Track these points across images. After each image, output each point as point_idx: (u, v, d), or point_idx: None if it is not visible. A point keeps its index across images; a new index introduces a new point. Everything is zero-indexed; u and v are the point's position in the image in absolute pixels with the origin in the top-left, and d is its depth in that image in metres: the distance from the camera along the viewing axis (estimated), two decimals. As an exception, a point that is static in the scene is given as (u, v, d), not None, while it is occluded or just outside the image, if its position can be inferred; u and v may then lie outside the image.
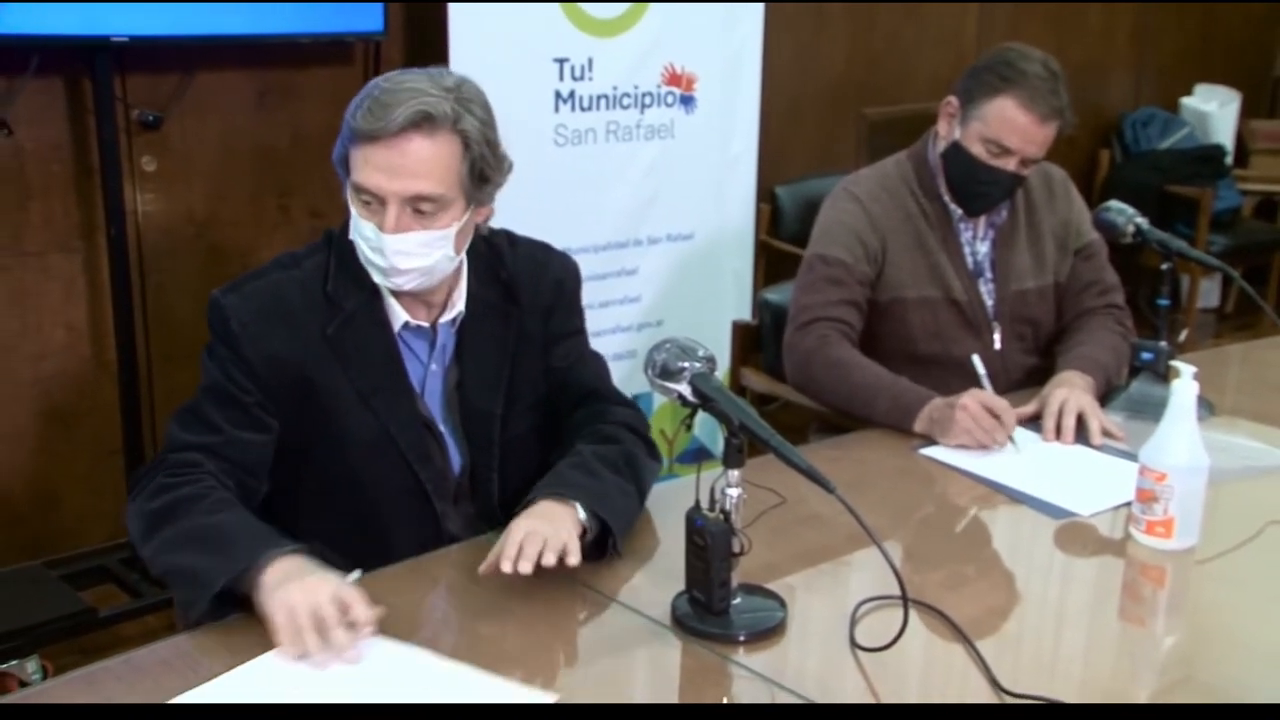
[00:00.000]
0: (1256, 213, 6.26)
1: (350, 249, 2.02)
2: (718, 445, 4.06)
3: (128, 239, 3.42)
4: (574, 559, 1.84)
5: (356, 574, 1.76)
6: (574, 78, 3.68)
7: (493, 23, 3.50)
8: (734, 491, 1.76)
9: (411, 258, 1.94)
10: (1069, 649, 1.87)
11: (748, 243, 4.20)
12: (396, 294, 2.04)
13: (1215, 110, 6.00)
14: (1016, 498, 2.26)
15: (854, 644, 1.76)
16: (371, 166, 1.91)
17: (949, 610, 1.82)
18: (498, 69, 3.41)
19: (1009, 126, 2.56)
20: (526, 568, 1.80)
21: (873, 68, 4.96)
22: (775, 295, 3.12)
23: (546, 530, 1.84)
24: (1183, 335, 3.25)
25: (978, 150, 2.61)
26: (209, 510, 1.88)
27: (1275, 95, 6.56)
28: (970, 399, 2.41)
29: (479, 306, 2.13)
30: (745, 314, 4.09)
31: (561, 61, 3.65)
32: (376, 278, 2.00)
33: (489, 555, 1.86)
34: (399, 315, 2.06)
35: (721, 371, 1.92)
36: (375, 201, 1.93)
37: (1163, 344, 2.65)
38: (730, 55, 4.00)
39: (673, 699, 1.65)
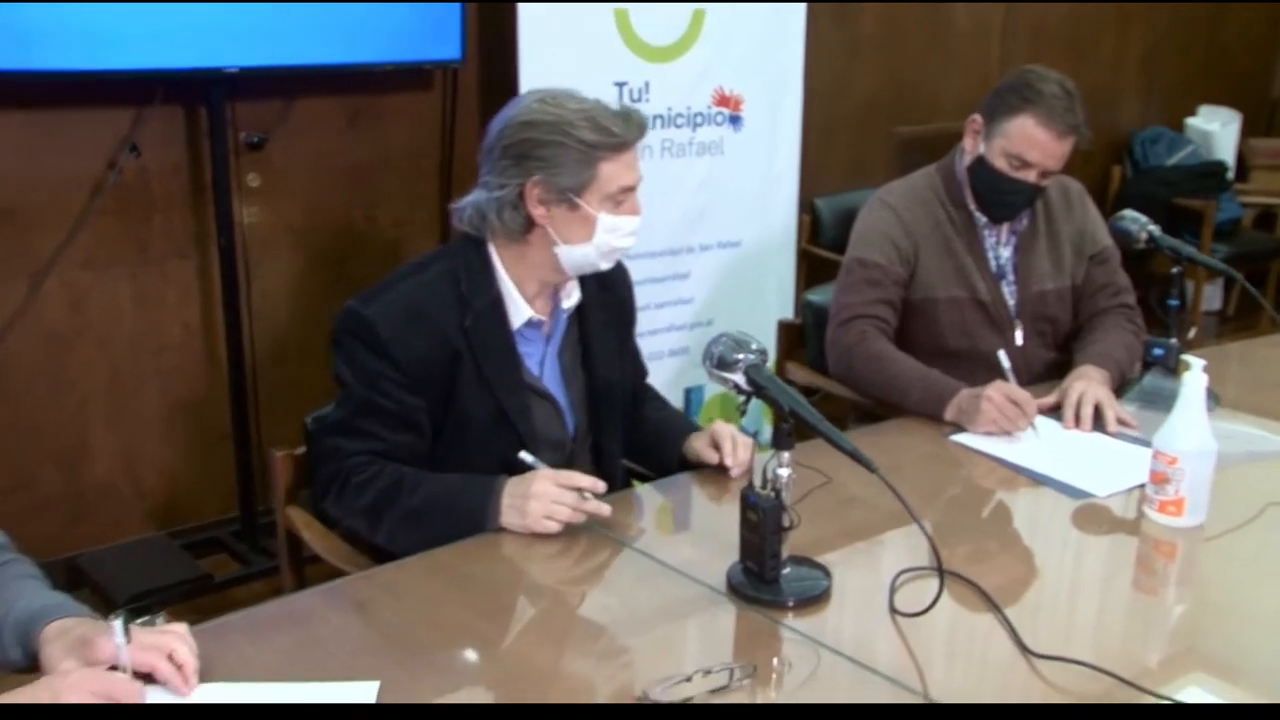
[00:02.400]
0: (1256, 224, 6.20)
1: (480, 256, 2.11)
2: (763, 434, 4.09)
3: (235, 248, 3.47)
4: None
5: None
6: (632, 99, 3.69)
7: (559, 50, 3.52)
8: (784, 472, 1.77)
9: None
10: (1088, 616, 1.87)
11: (790, 249, 4.20)
12: (530, 290, 2.13)
13: (1218, 129, 5.95)
14: (1038, 480, 2.25)
15: (893, 610, 1.77)
16: (624, 166, 2.04)
17: (977, 581, 1.82)
18: (565, 93, 3.45)
19: (1029, 142, 2.56)
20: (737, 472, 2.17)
21: (903, 90, 4.94)
22: (817, 296, 3.11)
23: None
24: (1191, 333, 3.21)
25: (1001, 164, 2.60)
26: (413, 486, 2.02)
27: (1273, 116, 6.48)
28: (995, 390, 2.41)
29: (588, 294, 2.21)
30: (788, 314, 4.08)
31: (621, 85, 3.65)
32: (603, 264, 2.12)
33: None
34: (520, 313, 2.13)
35: (768, 366, 1.94)
36: (629, 198, 2.05)
37: (1173, 341, 2.64)
38: (774, 79, 4.00)
39: (727, 658, 1.65)
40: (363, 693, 1.54)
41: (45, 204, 3.23)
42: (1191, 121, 6.01)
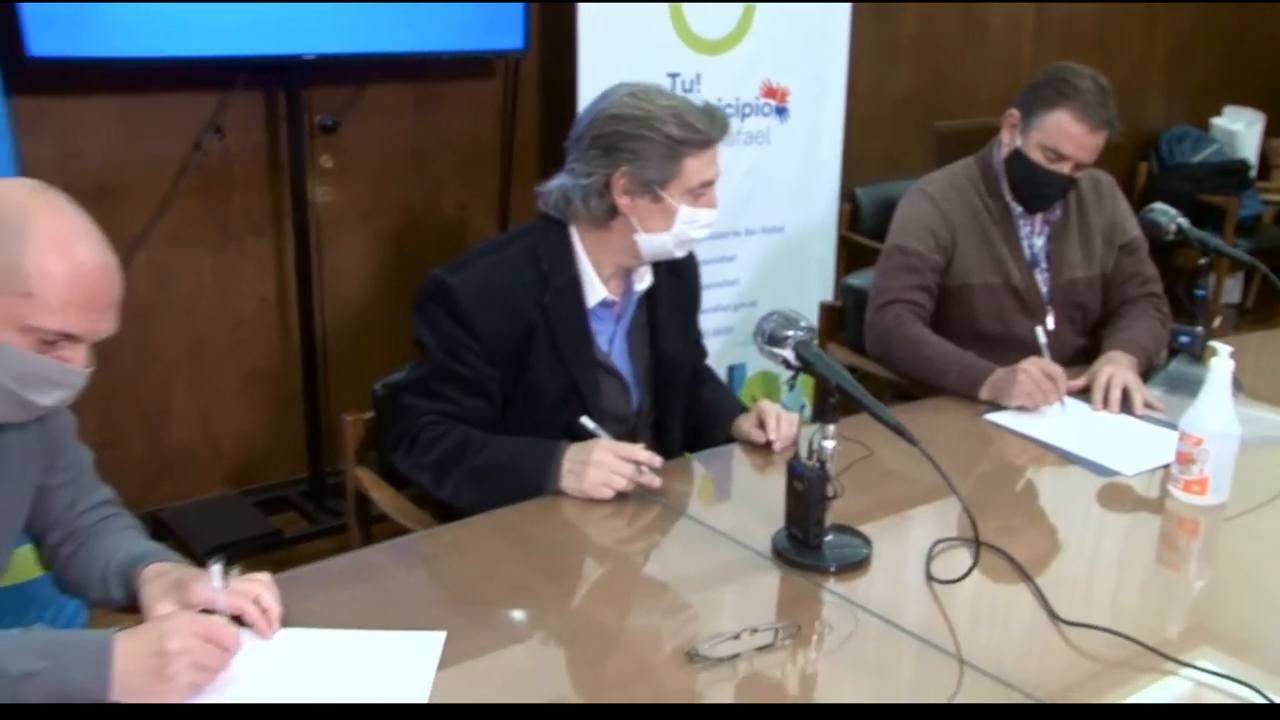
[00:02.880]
0: (1276, 220, 6.13)
1: (561, 237, 2.11)
2: (804, 412, 4.07)
3: (309, 226, 3.48)
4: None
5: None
6: (684, 90, 3.66)
7: (615, 42, 3.50)
8: (829, 444, 1.77)
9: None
10: (1114, 588, 1.86)
11: (831, 235, 4.17)
12: (606, 272, 2.13)
13: (1241, 129, 5.87)
14: (1068, 458, 2.24)
15: (929, 577, 1.77)
16: (706, 161, 2.05)
17: (1009, 552, 1.82)
18: (618, 81, 3.44)
19: (1064, 135, 2.53)
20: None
21: (941, 86, 4.89)
22: (857, 280, 3.10)
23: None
24: (1216, 322, 3.18)
25: (1037, 156, 2.58)
26: (479, 447, 2.02)
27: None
28: (1030, 364, 2.41)
29: (659, 278, 2.22)
30: (828, 297, 4.06)
31: (674, 76, 3.62)
32: (678, 252, 2.12)
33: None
34: (595, 293, 2.13)
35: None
36: (707, 192, 2.05)
37: (1199, 329, 2.62)
38: (819, 73, 3.97)
39: (771, 619, 1.65)
40: (430, 642, 1.56)
41: (137, 182, 3.25)
42: (1216, 121, 5.94)
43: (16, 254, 1.41)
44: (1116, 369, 2.48)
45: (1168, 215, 2.67)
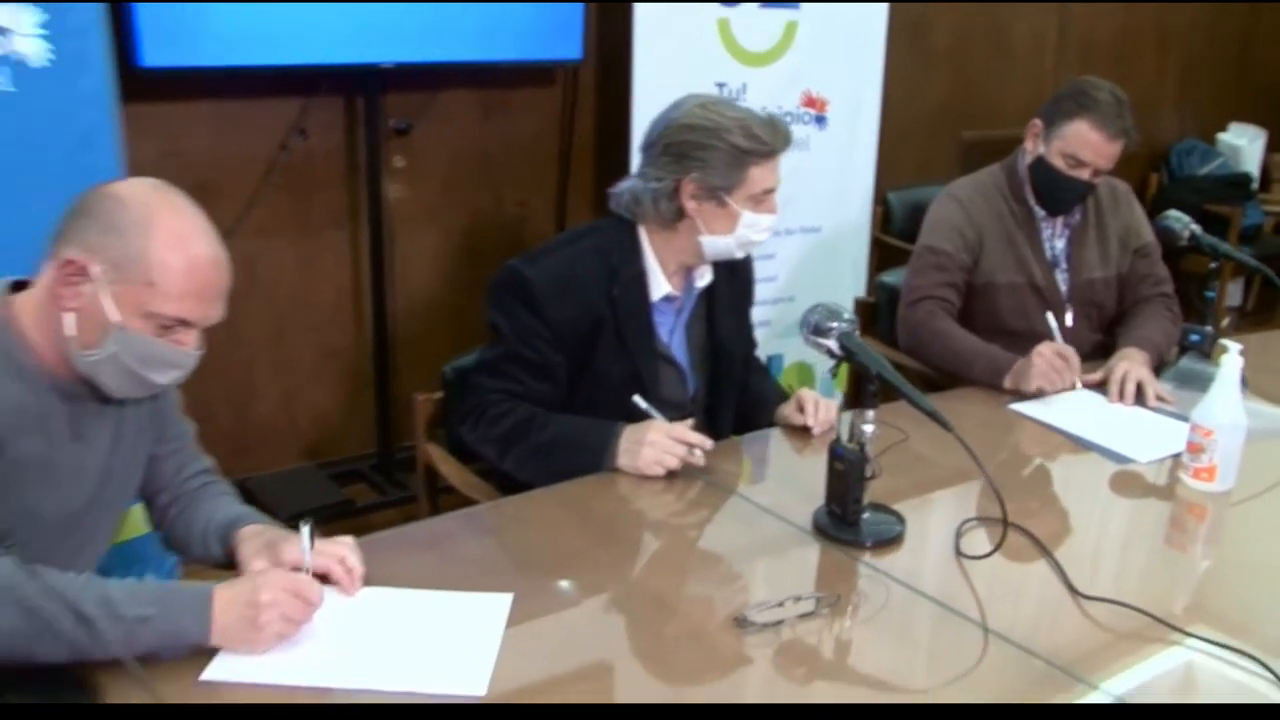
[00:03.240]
0: (1276, 230, 6.07)
1: (630, 235, 2.12)
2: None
3: (383, 221, 3.50)
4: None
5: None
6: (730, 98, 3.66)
7: (667, 53, 3.50)
8: (868, 428, 1.78)
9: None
10: (1128, 566, 1.87)
11: (864, 236, 4.16)
12: (670, 269, 2.13)
13: (1245, 144, 5.85)
14: (1085, 445, 2.24)
15: (958, 553, 1.78)
16: (769, 171, 2.06)
17: (1032, 531, 1.83)
18: (670, 91, 3.39)
19: (1084, 143, 2.53)
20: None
21: (968, 99, 4.87)
22: (890, 278, 3.09)
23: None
24: (1225, 322, 3.14)
25: (1058, 163, 2.58)
26: (543, 424, 2.04)
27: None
28: (1044, 347, 2.42)
29: (717, 276, 2.22)
30: (861, 294, 4.06)
31: (721, 85, 3.62)
32: (739, 253, 2.13)
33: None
34: (660, 288, 2.13)
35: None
36: (769, 199, 2.06)
37: (1208, 328, 2.61)
38: (856, 85, 3.96)
39: (809, 588, 1.67)
40: (499, 603, 1.58)
41: (229, 180, 3.29)
42: (1222, 136, 5.92)
43: (141, 247, 1.46)
44: (1131, 365, 2.47)
45: (1181, 222, 2.66)
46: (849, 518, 1.80)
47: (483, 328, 3.53)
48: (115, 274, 1.47)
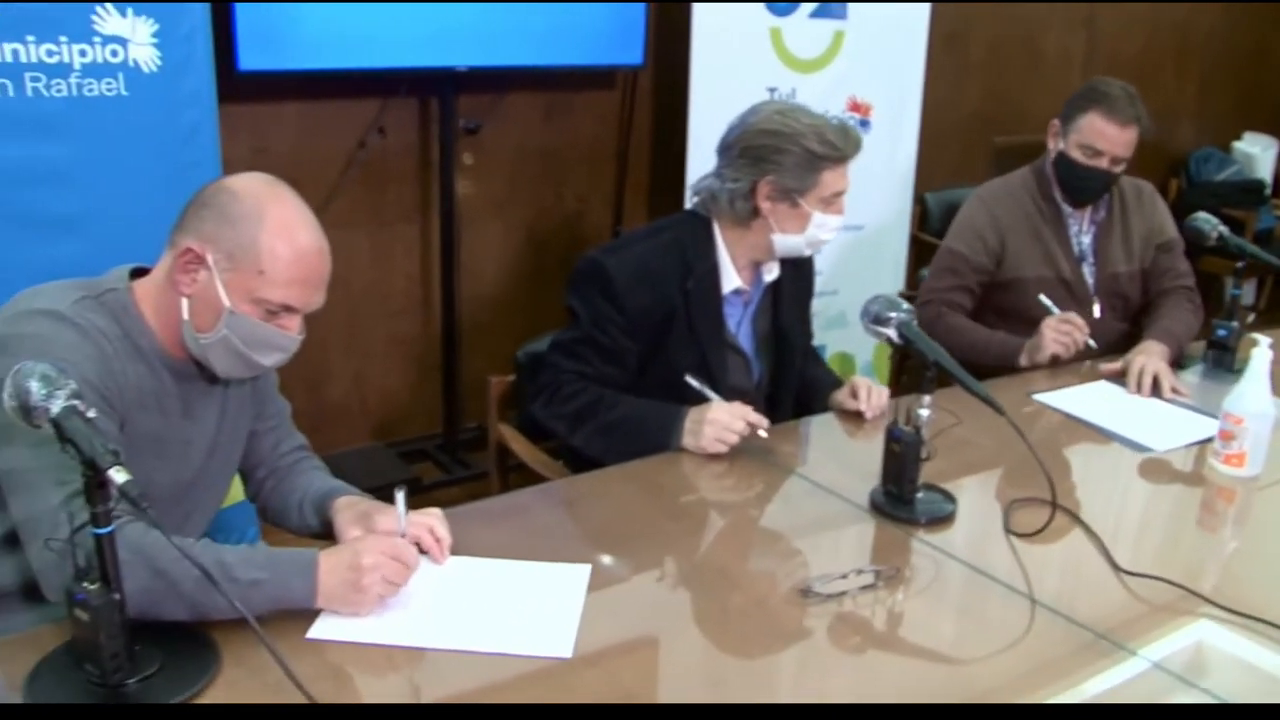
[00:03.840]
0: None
1: (705, 231, 2.13)
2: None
3: (454, 215, 3.51)
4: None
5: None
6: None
7: (722, 60, 3.50)
8: (924, 412, 1.78)
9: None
10: (1163, 545, 1.86)
11: (904, 234, 4.14)
12: (740, 264, 2.14)
13: (1259, 153, 5.83)
14: (1106, 434, 2.23)
15: (1007, 530, 1.78)
16: (840, 175, 2.08)
17: (1076, 511, 1.83)
18: (725, 95, 3.41)
19: (1097, 133, 2.56)
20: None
21: (1001, 106, 4.84)
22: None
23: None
24: (1250, 318, 3.12)
25: (1077, 155, 2.60)
26: (612, 404, 2.05)
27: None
28: (1049, 321, 2.48)
29: (783, 271, 2.23)
30: (900, 288, 4.05)
31: (772, 90, 3.61)
32: (807, 251, 2.15)
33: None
34: (730, 281, 2.14)
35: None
36: (838, 201, 2.08)
37: (1234, 324, 2.62)
38: (898, 92, 3.94)
39: (865, 563, 1.67)
40: (578, 573, 1.60)
41: (310, 175, 3.30)
42: (1237, 144, 5.90)
43: (253, 237, 1.49)
44: (1149, 358, 2.46)
45: (1210, 224, 2.65)
46: (905, 496, 1.81)
47: (543, 314, 3.57)
48: (228, 262, 1.49)
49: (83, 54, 2.46)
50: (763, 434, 1.98)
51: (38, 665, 1.33)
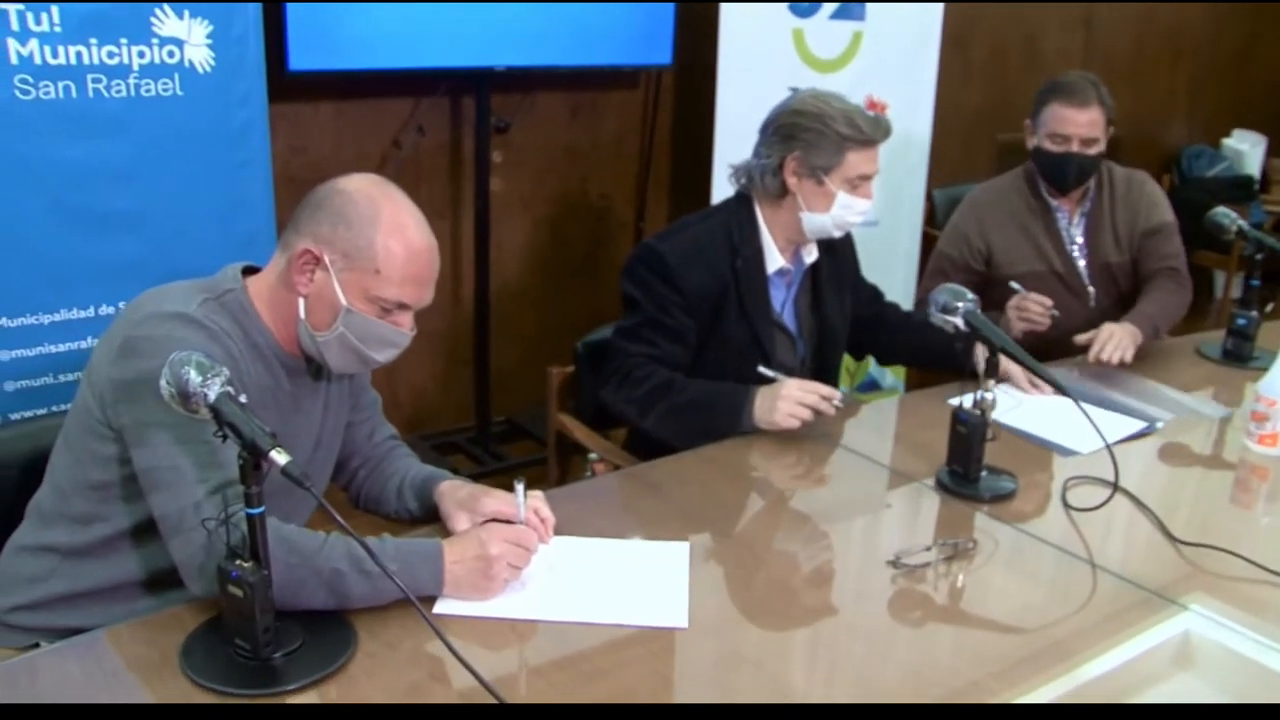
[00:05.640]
0: (1274, 228, 6.12)
1: (749, 212, 2.20)
2: (885, 379, 4.13)
3: (488, 211, 3.55)
4: None
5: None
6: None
7: (746, 60, 3.58)
8: (990, 395, 1.86)
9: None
10: (1206, 519, 1.92)
11: (917, 229, 4.23)
12: (780, 244, 2.21)
13: (1248, 149, 5.96)
14: (1032, 441, 2.15)
15: (1066, 505, 1.87)
16: (869, 161, 2.15)
17: (1127, 488, 1.91)
18: (748, 93, 3.49)
19: (1059, 119, 2.66)
20: None
21: (1003, 104, 4.94)
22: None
23: None
24: (1269, 307, 3.21)
25: (1048, 145, 2.69)
26: (682, 387, 2.11)
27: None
28: (1010, 302, 2.56)
29: (820, 255, 2.31)
30: (913, 282, 4.14)
31: (793, 89, 3.63)
32: (835, 233, 2.21)
33: None
34: (774, 261, 2.22)
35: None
36: (865, 184, 2.14)
37: (1253, 313, 2.70)
38: (911, 91, 4.03)
39: (928, 541, 1.74)
40: (678, 551, 1.67)
41: (346, 173, 3.32)
42: (1227, 141, 6.02)
43: (369, 237, 1.53)
44: (1116, 330, 2.47)
45: (1229, 218, 2.73)
46: (971, 475, 1.89)
47: (568, 307, 3.60)
48: (344, 262, 1.53)
49: (141, 55, 2.51)
50: (837, 405, 2.05)
51: (186, 641, 1.39)
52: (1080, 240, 2.80)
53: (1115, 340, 2.45)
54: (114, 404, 1.49)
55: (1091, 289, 2.79)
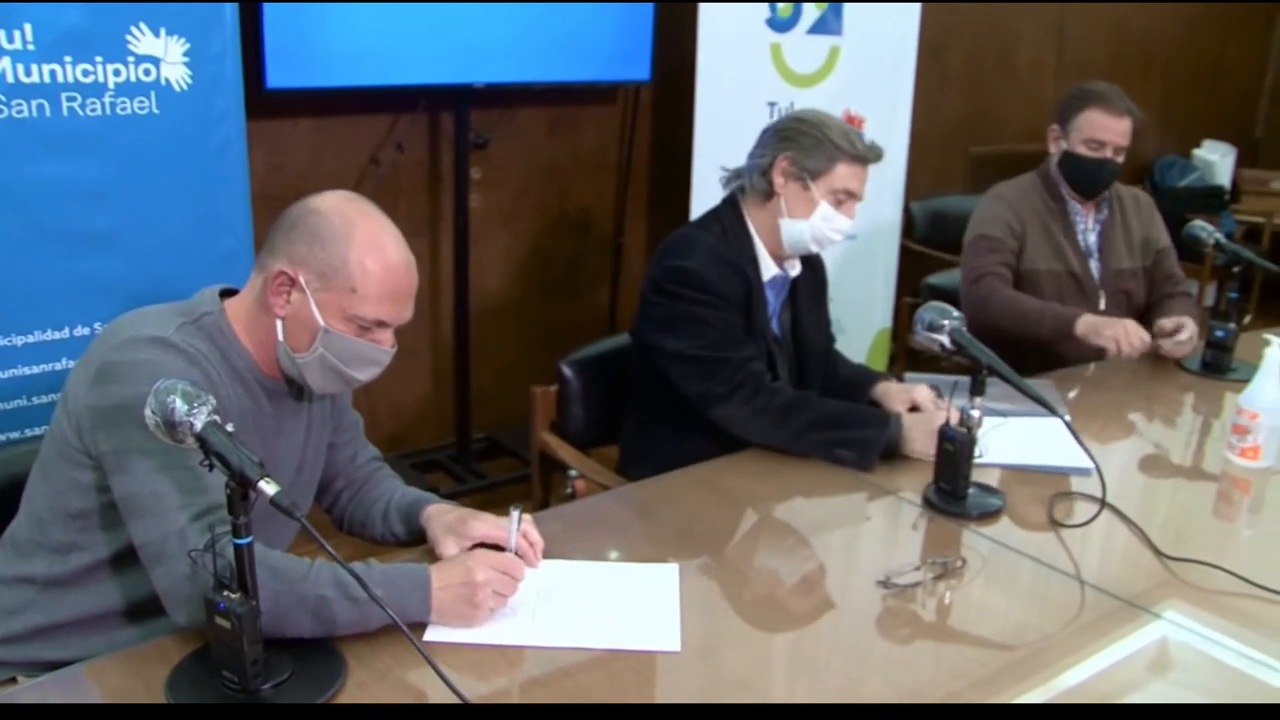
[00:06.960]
0: (1245, 237, 6.20)
1: (738, 218, 2.20)
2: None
3: (467, 228, 3.53)
4: None
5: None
6: (780, 114, 3.71)
7: (725, 74, 3.59)
8: (976, 413, 1.86)
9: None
10: (1191, 532, 1.93)
11: (894, 241, 4.25)
12: (777, 253, 2.21)
13: (1218, 160, 6.05)
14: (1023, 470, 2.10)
15: (1053, 522, 1.87)
16: (856, 178, 2.14)
17: (1114, 504, 1.91)
18: (726, 109, 3.52)
19: (1098, 126, 2.73)
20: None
21: (977, 117, 4.98)
22: (935, 280, 3.19)
23: None
24: (1247, 319, 3.24)
25: (1082, 150, 2.75)
26: (820, 401, 2.13)
27: (1256, 151, 6.48)
28: (1124, 320, 2.63)
29: (802, 266, 2.30)
30: (891, 294, 4.15)
31: (771, 104, 3.71)
32: (812, 247, 2.20)
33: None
34: (768, 269, 2.21)
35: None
36: (849, 201, 2.14)
37: (1232, 325, 2.75)
38: (889, 105, 4.06)
39: (917, 560, 1.74)
40: (667, 572, 1.65)
41: (323, 190, 3.32)
42: (1198, 152, 6.10)
43: (344, 256, 1.50)
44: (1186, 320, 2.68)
45: (1206, 231, 2.79)
46: (958, 493, 1.89)
47: (550, 323, 3.55)
48: (320, 282, 1.50)
49: (116, 73, 2.48)
50: None
51: (172, 674, 1.37)
52: (1095, 245, 2.87)
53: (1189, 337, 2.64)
54: (92, 431, 1.46)
55: (1103, 293, 2.86)
